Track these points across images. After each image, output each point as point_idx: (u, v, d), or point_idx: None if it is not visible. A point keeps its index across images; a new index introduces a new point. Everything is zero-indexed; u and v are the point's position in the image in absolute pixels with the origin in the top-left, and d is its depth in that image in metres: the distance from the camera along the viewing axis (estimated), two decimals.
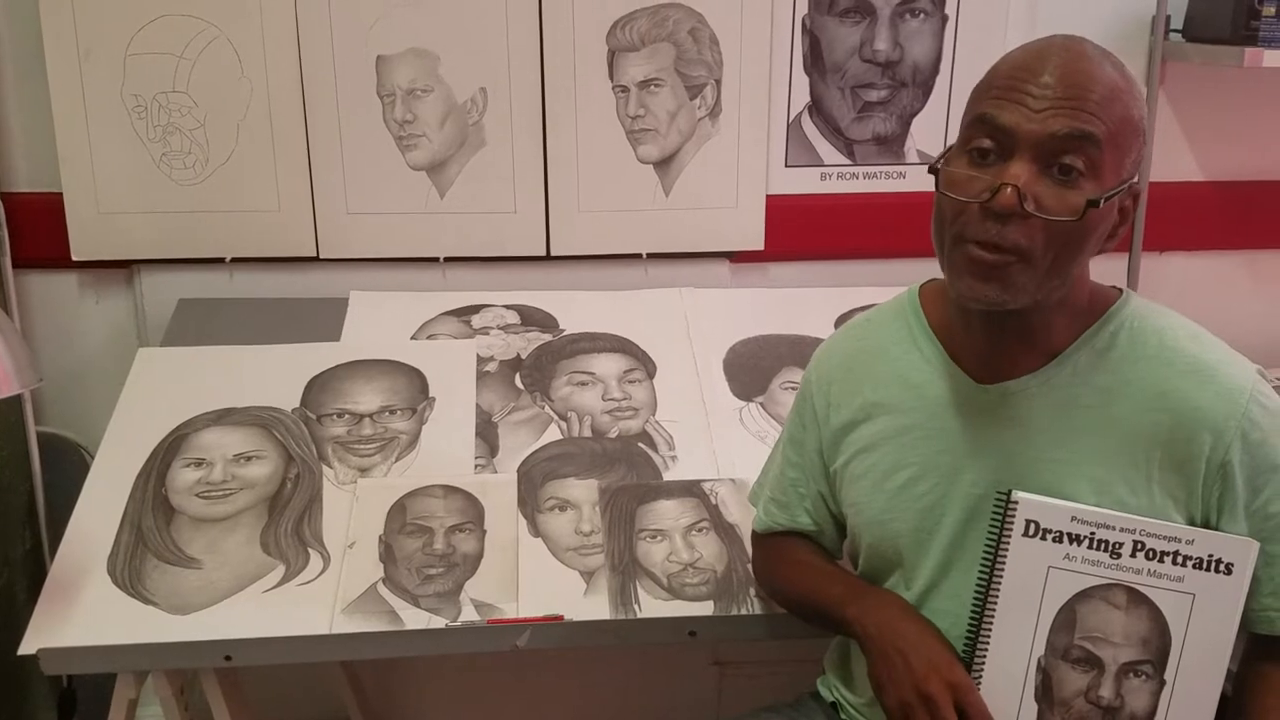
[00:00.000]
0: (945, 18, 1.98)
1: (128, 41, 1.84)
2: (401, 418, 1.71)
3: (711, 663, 2.11)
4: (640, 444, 1.70)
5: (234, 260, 1.95)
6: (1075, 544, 1.11)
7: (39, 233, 1.91)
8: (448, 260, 2.00)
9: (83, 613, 1.42)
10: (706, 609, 1.45)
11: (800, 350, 1.86)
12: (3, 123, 1.89)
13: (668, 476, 1.65)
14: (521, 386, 1.79)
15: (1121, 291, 1.19)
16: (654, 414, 1.76)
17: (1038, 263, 1.06)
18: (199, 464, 1.62)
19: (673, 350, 1.87)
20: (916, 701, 1.10)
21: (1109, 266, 2.02)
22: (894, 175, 2.05)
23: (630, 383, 1.81)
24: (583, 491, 1.61)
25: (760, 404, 1.80)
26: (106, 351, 1.98)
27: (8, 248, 1.90)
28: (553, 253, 1.99)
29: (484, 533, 1.55)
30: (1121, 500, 1.13)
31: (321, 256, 1.96)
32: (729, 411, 1.78)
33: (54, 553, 1.51)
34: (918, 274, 1.30)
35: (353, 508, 1.58)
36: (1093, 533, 1.11)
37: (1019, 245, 1.05)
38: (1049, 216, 1.05)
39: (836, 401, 1.29)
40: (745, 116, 1.97)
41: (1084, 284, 1.16)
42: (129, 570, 1.48)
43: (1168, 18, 1.98)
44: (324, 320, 1.88)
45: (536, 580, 1.49)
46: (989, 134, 1.07)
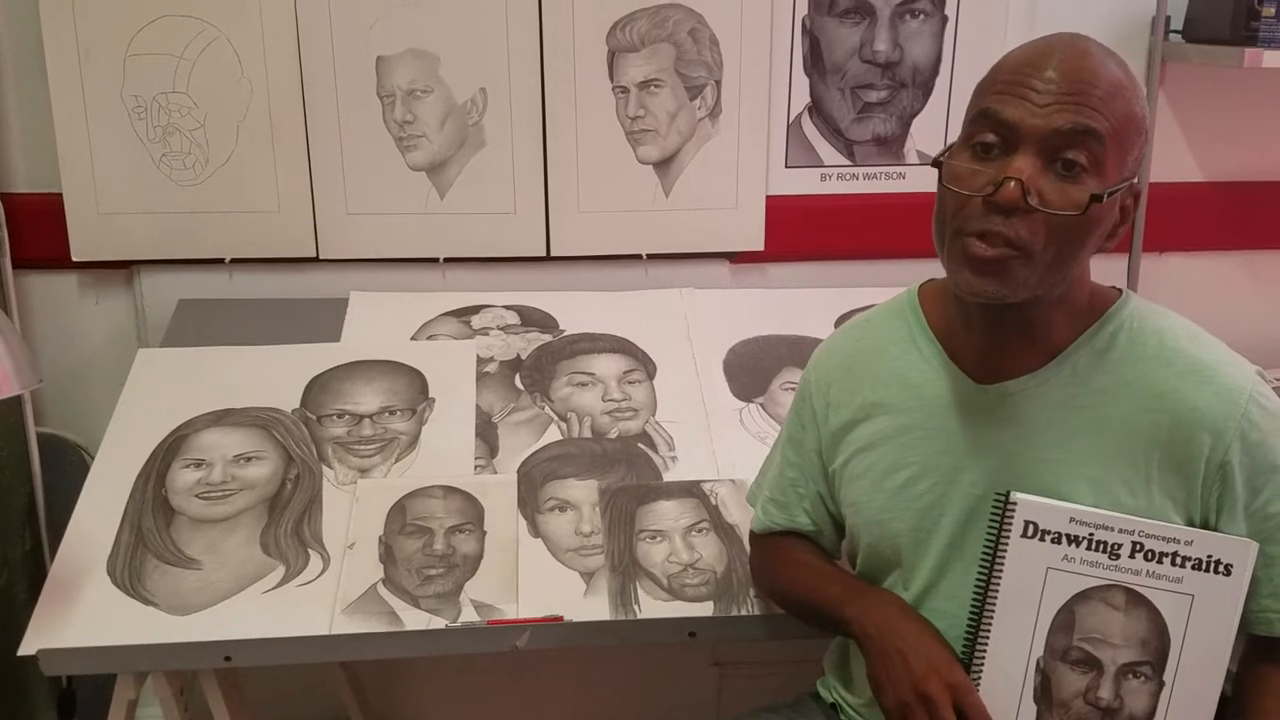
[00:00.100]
0: (945, 18, 1.98)
1: (128, 42, 1.84)
2: (401, 418, 1.71)
3: (711, 663, 2.11)
4: (640, 445, 1.70)
5: (234, 261, 1.95)
6: (1074, 545, 1.11)
7: (39, 233, 1.91)
8: (448, 261, 2.00)
9: (82, 613, 1.42)
10: (706, 609, 1.45)
11: (800, 351, 1.86)
12: (3, 123, 1.90)
13: (668, 477, 1.65)
14: (521, 387, 1.79)
15: (1121, 292, 1.19)
16: (654, 414, 1.76)
17: (1038, 258, 1.06)
18: (199, 465, 1.62)
19: (673, 351, 1.87)
20: (915, 702, 1.10)
21: (1109, 267, 2.02)
22: (894, 176, 2.05)
23: (630, 383, 1.81)
24: (583, 492, 1.61)
25: (760, 405, 1.80)
26: (106, 352, 1.98)
27: (7, 248, 1.90)
28: (552, 253, 1.99)
29: (484, 533, 1.55)
30: (1120, 501, 1.13)
31: (321, 257, 1.96)
32: (729, 412, 1.78)
33: (54, 553, 1.52)
34: (917, 274, 1.30)
35: (353, 508, 1.58)
36: (1091, 534, 1.11)
37: (1021, 239, 1.05)
38: (1052, 211, 1.05)
39: (836, 401, 1.29)
40: (745, 117, 1.97)
41: (1084, 284, 1.16)
42: (129, 571, 1.48)
43: (1167, 18, 1.98)
44: (324, 321, 1.88)
45: (536, 581, 1.49)
46: (993, 128, 1.07)
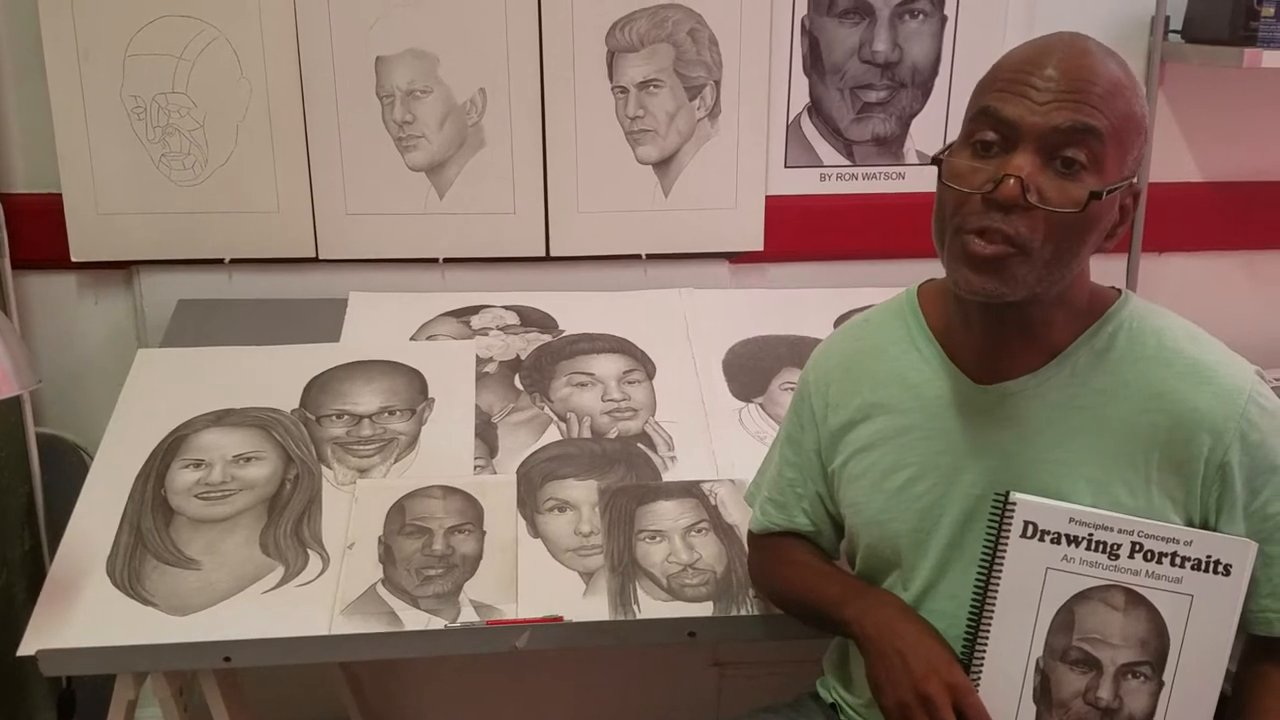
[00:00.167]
0: (944, 19, 1.98)
1: (127, 42, 1.84)
2: (401, 418, 1.71)
3: (711, 663, 2.11)
4: (640, 445, 1.70)
5: (233, 261, 1.95)
6: (1073, 545, 1.11)
7: (38, 233, 1.91)
8: (447, 261, 2.00)
9: (82, 614, 1.42)
10: (706, 610, 1.45)
11: (799, 351, 1.86)
12: (2, 123, 1.89)
13: (667, 477, 1.65)
14: (521, 387, 1.79)
15: (1120, 292, 1.19)
16: (653, 415, 1.76)
17: (1037, 255, 1.06)
18: (198, 465, 1.62)
19: (672, 351, 1.87)
20: (915, 702, 1.10)
21: (1108, 267, 2.03)
22: (893, 176, 2.05)
23: (629, 383, 1.81)
24: (582, 492, 1.61)
25: (760, 405, 1.80)
26: (106, 352, 1.98)
27: (7, 249, 1.90)
28: (552, 253, 1.99)
29: (483, 533, 1.55)
30: (1119, 501, 1.13)
31: (321, 257, 1.96)
32: (728, 412, 1.78)
33: (53, 554, 1.52)
34: (917, 274, 1.30)
35: (352, 509, 1.58)
36: (1091, 534, 1.11)
37: (1020, 236, 1.05)
38: (1051, 208, 1.05)
39: (835, 402, 1.29)
40: (744, 117, 1.97)
41: (1083, 284, 1.16)
42: (128, 571, 1.48)
43: (1167, 18, 1.98)
44: (323, 321, 1.88)
45: (536, 581, 1.49)
46: (992, 126, 1.07)
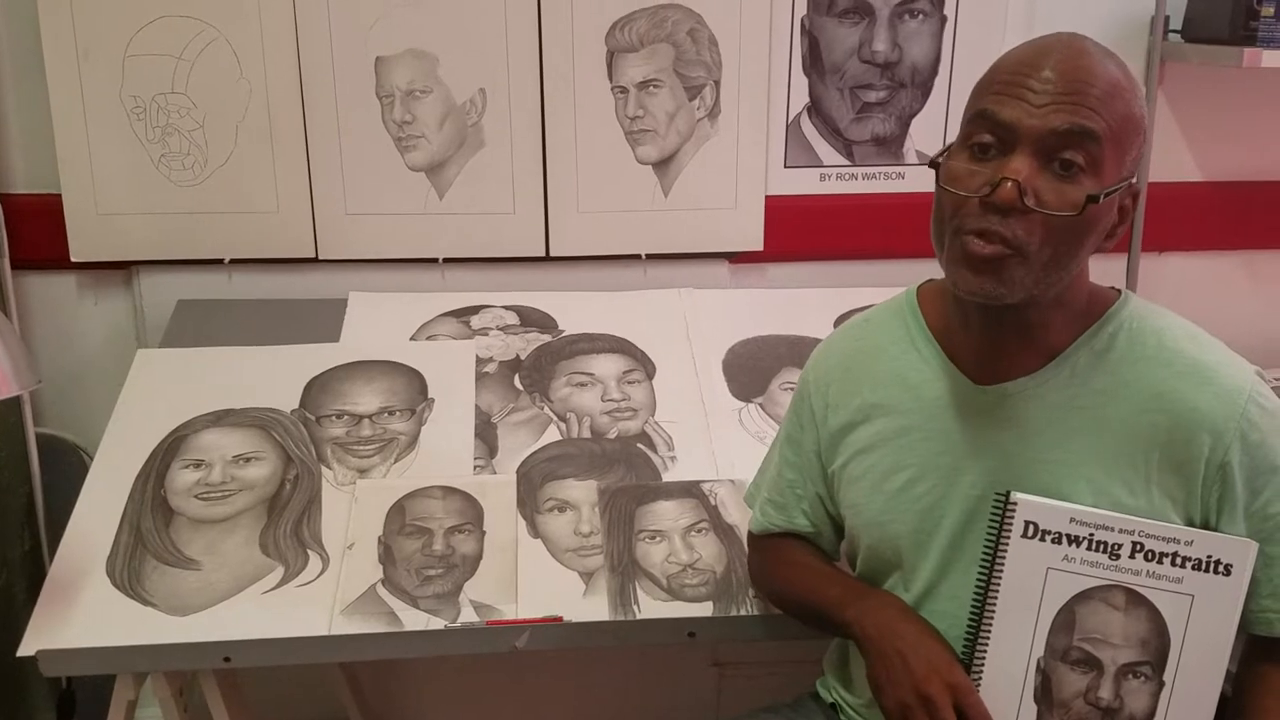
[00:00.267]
0: (944, 18, 1.98)
1: (126, 42, 1.84)
2: (400, 419, 1.71)
3: (711, 663, 2.11)
4: (639, 445, 1.70)
5: (233, 261, 1.95)
6: (1074, 545, 1.11)
7: (38, 234, 1.91)
8: (447, 261, 2.00)
9: (82, 614, 1.42)
10: (706, 610, 1.45)
11: (799, 351, 1.86)
12: (2, 123, 1.89)
13: (667, 477, 1.65)
14: (521, 387, 1.79)
15: (1120, 293, 1.19)
16: (653, 415, 1.76)
17: (1034, 258, 1.06)
18: (198, 465, 1.62)
19: (672, 351, 1.87)
20: (916, 703, 1.10)
21: (1107, 267, 2.03)
22: (893, 176, 2.05)
23: (629, 383, 1.81)
24: (582, 492, 1.61)
25: (759, 405, 1.80)
26: (105, 353, 1.98)
27: (6, 249, 1.89)
28: (552, 253, 1.99)
29: (483, 534, 1.55)
30: (1120, 501, 1.13)
31: (320, 257, 1.96)
32: (728, 412, 1.78)
33: (53, 554, 1.51)
34: (916, 274, 1.30)
35: (352, 509, 1.58)
36: (1092, 534, 1.11)
37: (1018, 239, 1.05)
38: (1049, 211, 1.05)
39: (835, 402, 1.29)
40: (744, 117, 1.97)
41: (1083, 284, 1.16)
42: (128, 571, 1.48)
43: (1166, 18, 1.98)
44: (323, 321, 1.88)
45: (536, 581, 1.49)
46: (990, 129, 1.07)
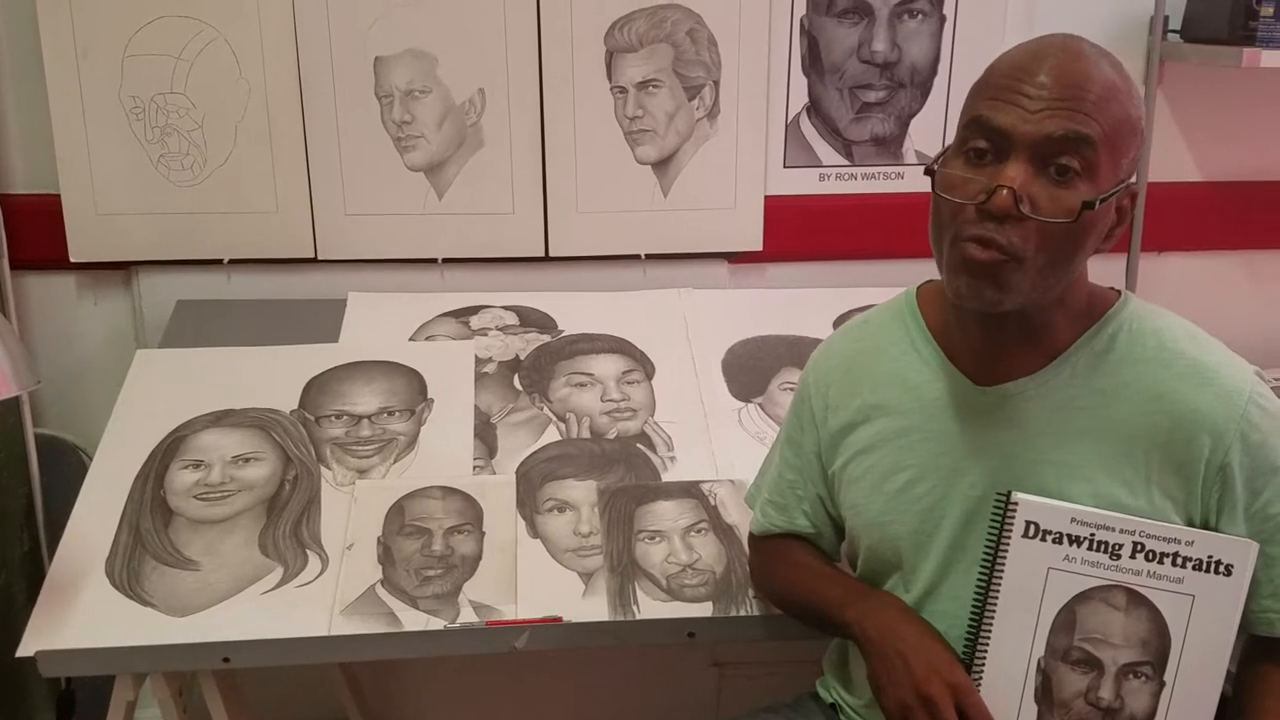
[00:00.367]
0: (943, 18, 1.98)
1: (125, 42, 1.84)
2: (400, 419, 1.71)
3: (710, 664, 2.11)
4: (639, 445, 1.70)
5: (232, 261, 1.95)
6: (1075, 545, 1.11)
7: (37, 234, 1.91)
8: (446, 261, 1.99)
9: (81, 615, 1.42)
10: (705, 610, 1.45)
11: (799, 351, 1.86)
12: (1, 124, 1.89)
13: (666, 477, 1.65)
14: (520, 388, 1.79)
15: (1120, 293, 1.19)
16: (653, 415, 1.76)
17: (1030, 264, 1.06)
18: (197, 466, 1.62)
19: (671, 351, 1.87)
20: (916, 703, 1.10)
21: (1107, 267, 2.03)
22: (892, 176, 2.05)
23: (629, 384, 1.81)
24: (581, 493, 1.61)
25: (759, 405, 1.80)
26: (105, 353, 1.98)
27: (5, 249, 1.89)
28: (551, 254, 1.99)
29: (483, 534, 1.55)
30: (1120, 502, 1.13)
31: (320, 258, 1.96)
32: (728, 412, 1.78)
33: (52, 554, 1.51)
34: (916, 275, 1.30)
35: (351, 509, 1.57)
36: (1092, 534, 1.11)
37: (1014, 246, 1.05)
38: (1044, 218, 1.05)
39: (835, 403, 1.29)
40: (743, 117, 1.97)
41: (1083, 285, 1.16)
42: (127, 572, 1.47)
43: (1166, 18, 1.98)
44: (322, 322, 1.88)
45: (535, 581, 1.48)
46: (985, 135, 1.07)
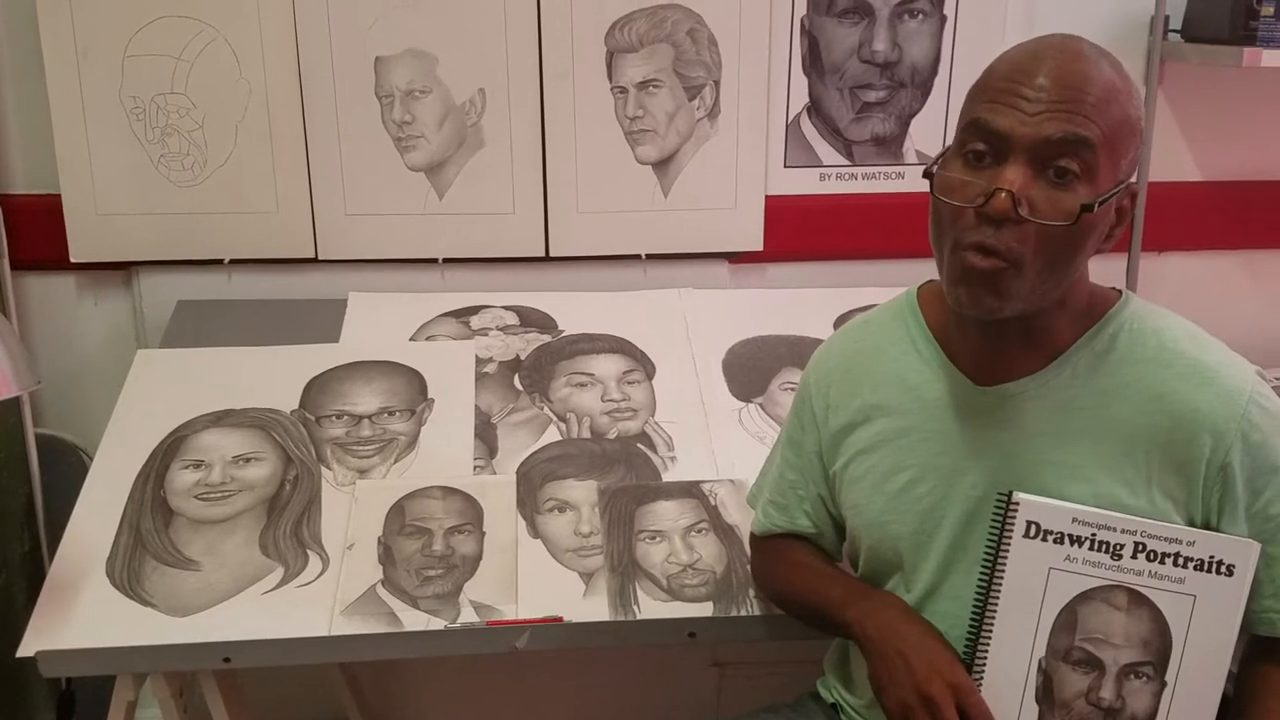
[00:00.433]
0: (944, 18, 1.98)
1: (126, 43, 1.84)
2: (400, 419, 1.71)
3: (711, 664, 2.11)
4: (639, 445, 1.70)
5: (232, 262, 1.95)
6: (1076, 545, 1.11)
7: (37, 234, 1.91)
8: (446, 261, 1.99)
9: (81, 615, 1.42)
10: (706, 610, 1.45)
11: (799, 351, 1.86)
12: (1, 124, 1.89)
13: (667, 477, 1.65)
14: (520, 388, 1.79)
15: (1121, 293, 1.19)
16: (653, 415, 1.76)
17: (1028, 268, 1.06)
18: (198, 466, 1.62)
19: (672, 351, 1.87)
20: (917, 703, 1.10)
21: (1107, 267, 2.02)
22: (892, 176, 2.05)
23: (629, 384, 1.80)
24: (582, 493, 1.61)
25: (759, 405, 1.80)
26: (105, 353, 1.98)
27: (6, 249, 1.89)
28: (551, 254, 1.99)
29: (483, 534, 1.55)
30: (1121, 502, 1.13)
31: (320, 258, 1.96)
32: (728, 412, 1.78)
33: (53, 555, 1.51)
34: (917, 274, 1.30)
35: (351, 509, 1.57)
36: (1094, 534, 1.11)
37: (1012, 250, 1.05)
38: (1043, 221, 1.04)
39: (835, 403, 1.29)
40: (744, 117, 1.97)
41: (1083, 286, 1.16)
42: (127, 572, 1.47)
43: (1166, 18, 1.98)
44: (323, 322, 1.88)
45: (536, 581, 1.48)
46: (983, 138, 1.07)
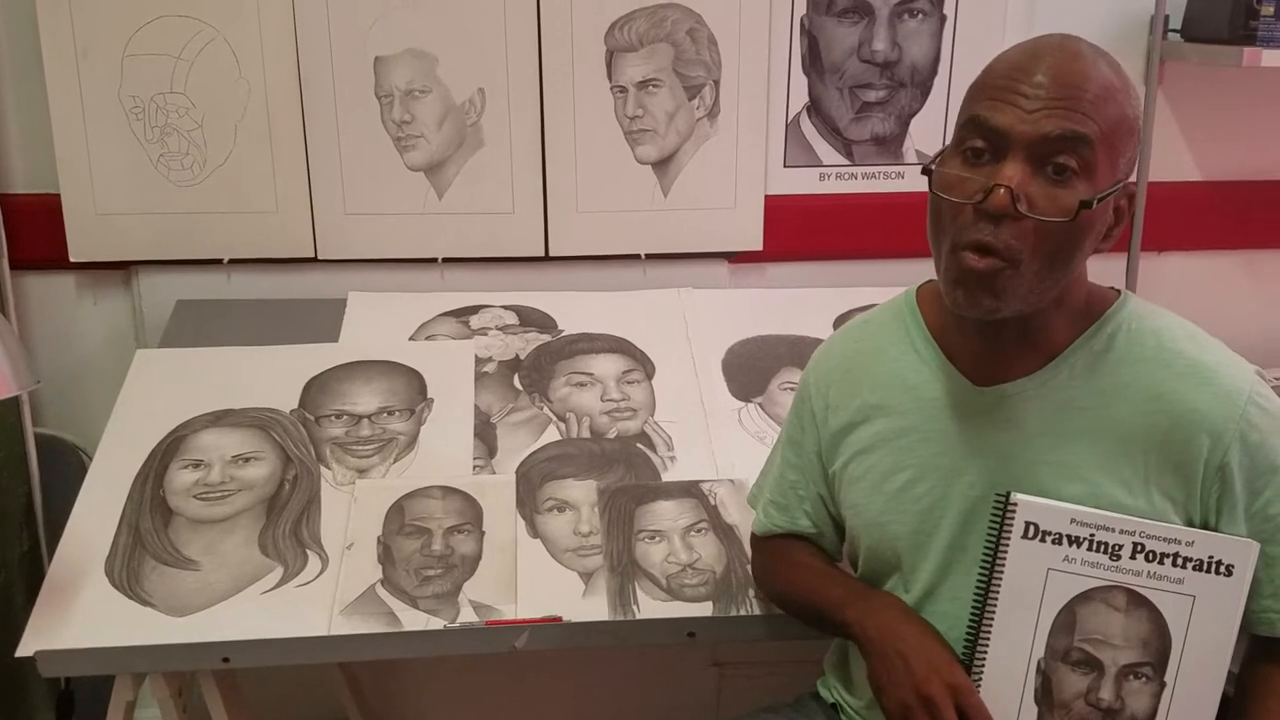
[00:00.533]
0: (943, 18, 1.98)
1: (125, 42, 1.84)
2: (400, 419, 1.71)
3: (710, 664, 2.11)
4: (639, 445, 1.70)
5: (232, 261, 1.95)
6: (1075, 546, 1.11)
7: (36, 234, 1.90)
8: (446, 261, 1.99)
9: (80, 614, 1.42)
10: (705, 610, 1.45)
11: (799, 351, 1.86)
12: (0, 124, 1.89)
13: (666, 477, 1.65)
14: (520, 387, 1.79)
15: (1120, 293, 1.19)
16: (653, 415, 1.75)
17: (1026, 267, 1.06)
18: (197, 465, 1.62)
19: (671, 351, 1.87)
20: (917, 703, 1.10)
21: (1107, 266, 2.02)
22: (892, 175, 2.05)
23: (629, 383, 1.80)
24: (581, 492, 1.61)
25: (759, 404, 1.80)
26: (104, 353, 1.98)
27: (5, 249, 1.89)
28: (551, 253, 1.99)
29: (482, 534, 1.55)
30: (1119, 502, 1.12)
31: (320, 257, 1.96)
32: (728, 412, 1.78)
33: (52, 554, 1.51)
34: (916, 274, 1.30)
35: (351, 509, 1.57)
36: (1092, 534, 1.11)
37: (1010, 248, 1.05)
38: (1042, 217, 1.04)
39: (835, 403, 1.29)
40: (744, 117, 1.97)
41: (1081, 286, 1.16)
42: (127, 572, 1.47)
43: (1166, 17, 1.98)
44: (322, 321, 1.88)
45: (535, 581, 1.48)
46: (982, 135, 1.07)
